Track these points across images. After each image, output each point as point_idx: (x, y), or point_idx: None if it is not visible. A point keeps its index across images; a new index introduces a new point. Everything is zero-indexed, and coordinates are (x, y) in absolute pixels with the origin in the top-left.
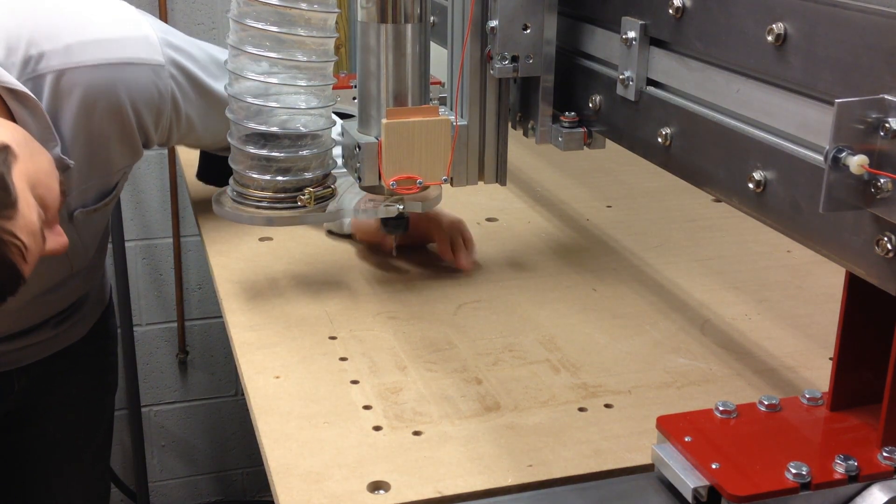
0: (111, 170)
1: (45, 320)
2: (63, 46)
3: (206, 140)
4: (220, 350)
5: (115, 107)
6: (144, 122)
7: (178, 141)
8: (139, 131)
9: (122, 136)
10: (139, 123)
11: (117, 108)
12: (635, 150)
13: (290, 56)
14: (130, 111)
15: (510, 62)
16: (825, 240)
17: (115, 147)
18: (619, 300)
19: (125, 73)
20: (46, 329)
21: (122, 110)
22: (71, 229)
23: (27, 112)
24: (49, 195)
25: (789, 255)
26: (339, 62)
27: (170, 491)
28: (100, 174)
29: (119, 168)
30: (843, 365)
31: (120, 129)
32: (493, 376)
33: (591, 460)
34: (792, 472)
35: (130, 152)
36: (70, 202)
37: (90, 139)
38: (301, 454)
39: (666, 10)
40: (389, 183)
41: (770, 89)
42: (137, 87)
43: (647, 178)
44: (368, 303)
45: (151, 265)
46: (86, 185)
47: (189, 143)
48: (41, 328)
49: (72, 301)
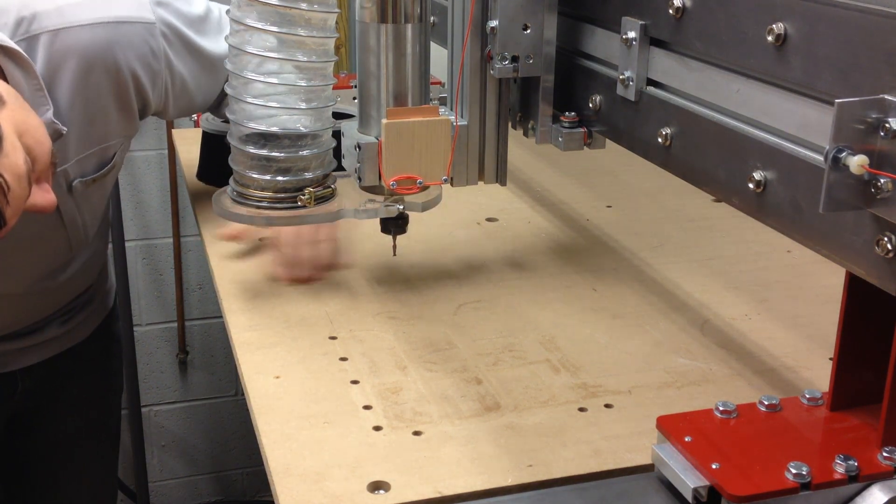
0: (109, 136)
1: (49, 317)
2: (55, 7)
3: (198, 100)
4: (220, 350)
5: (113, 68)
6: (141, 82)
7: (174, 105)
8: (136, 95)
9: (118, 99)
10: (136, 84)
11: (115, 69)
12: (635, 150)
13: (290, 56)
14: (127, 73)
15: (510, 62)
16: (825, 240)
17: (112, 110)
18: (619, 300)
19: (119, 31)
20: (52, 328)
21: (120, 72)
22: (70, 201)
23: (20, 72)
24: (38, 148)
25: (789, 255)
26: (339, 62)
27: (170, 491)
28: (98, 140)
29: (117, 135)
30: (843, 365)
31: (117, 91)
32: (493, 376)
33: (591, 460)
34: (792, 472)
35: (128, 117)
36: (69, 171)
37: (87, 102)
38: (301, 454)
39: (666, 10)
40: (389, 183)
41: (770, 89)
42: (132, 46)
43: (647, 178)
44: (368, 303)
45: (151, 265)
46: (84, 153)
47: (182, 106)
48: (46, 327)
49: (75, 294)
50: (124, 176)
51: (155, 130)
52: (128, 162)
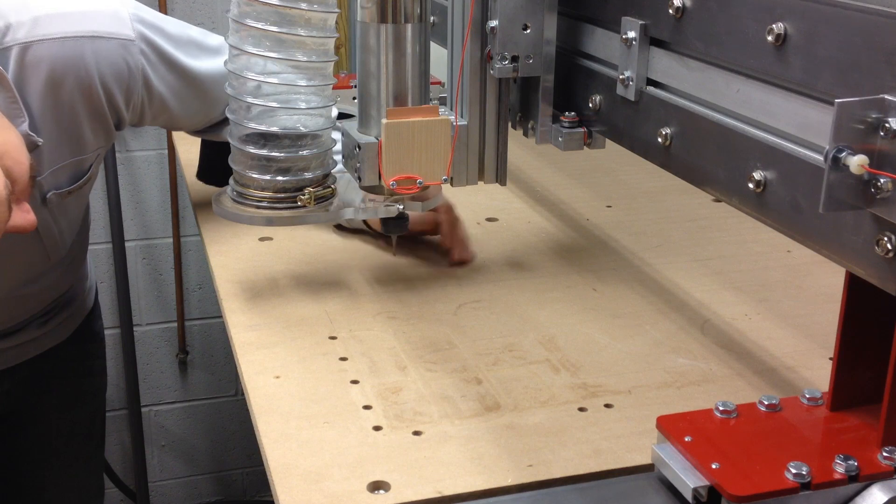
0: (84, 149)
1: (28, 319)
2: (30, 19)
3: (182, 121)
4: (220, 350)
5: (84, 82)
6: (114, 98)
7: (151, 121)
8: (110, 109)
9: (92, 113)
10: (109, 100)
11: (86, 83)
12: (635, 150)
13: (290, 56)
14: (99, 86)
15: (510, 62)
16: (825, 240)
17: (85, 124)
18: (619, 300)
19: (93, 46)
20: (30, 329)
21: (91, 85)
22: (45, 213)
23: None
24: (17, 169)
25: (789, 255)
26: (339, 62)
27: (170, 491)
28: (72, 153)
29: (92, 148)
30: (843, 365)
31: (89, 105)
32: (493, 376)
33: (591, 460)
34: (792, 472)
35: (103, 131)
36: (43, 184)
37: (59, 116)
38: (301, 454)
39: (666, 10)
40: (389, 183)
41: (770, 89)
42: (106, 61)
43: (647, 178)
44: (368, 303)
45: (151, 265)
46: (58, 165)
47: (163, 124)
48: (25, 329)
49: (54, 297)
50: (124, 176)
51: (155, 130)
52: (128, 162)
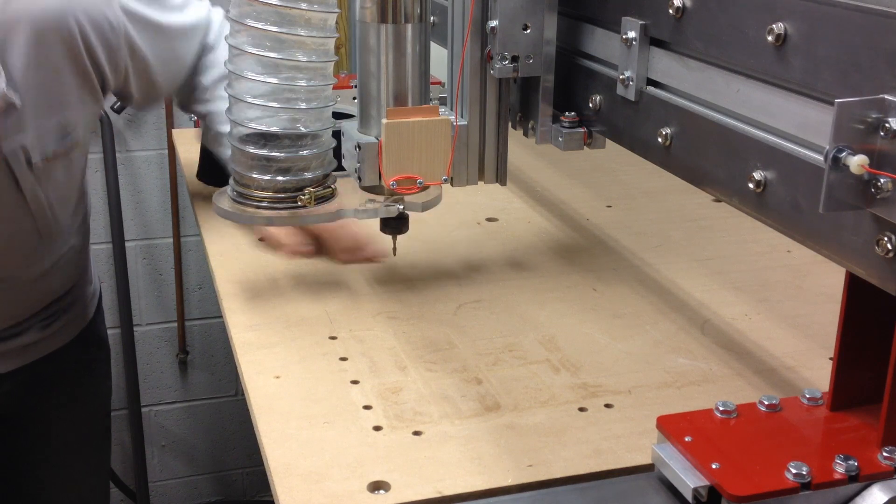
0: (68, 107)
1: (28, 320)
2: None
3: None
4: (220, 350)
5: (67, 35)
6: (97, 55)
7: (134, 83)
8: (93, 67)
9: (75, 68)
10: (91, 57)
11: (68, 36)
12: (635, 150)
13: (290, 56)
14: (81, 43)
15: (510, 62)
16: (825, 240)
17: (68, 79)
18: (619, 300)
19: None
20: (31, 332)
21: (74, 39)
22: (31, 179)
23: None
24: None
25: (789, 255)
26: (339, 62)
27: (170, 491)
28: (57, 110)
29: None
30: (843, 365)
31: (73, 60)
32: (493, 376)
33: (591, 460)
34: (792, 472)
35: (87, 88)
36: (28, 147)
37: (42, 71)
38: (301, 454)
39: (666, 10)
40: (389, 183)
41: (770, 89)
42: (87, 15)
43: (647, 178)
44: (368, 303)
45: (151, 265)
46: (42, 125)
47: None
48: (27, 332)
49: (54, 293)
50: (124, 176)
51: (155, 130)
52: (128, 162)
